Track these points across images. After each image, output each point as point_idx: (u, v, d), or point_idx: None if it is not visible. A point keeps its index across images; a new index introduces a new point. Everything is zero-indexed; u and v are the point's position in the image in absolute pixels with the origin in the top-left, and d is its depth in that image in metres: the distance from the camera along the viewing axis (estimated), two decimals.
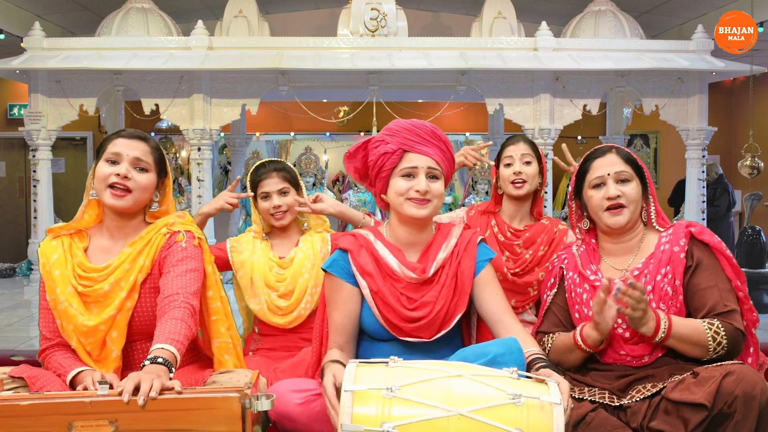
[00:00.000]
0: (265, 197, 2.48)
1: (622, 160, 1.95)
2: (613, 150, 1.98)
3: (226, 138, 8.62)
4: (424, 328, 1.81)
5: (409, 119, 1.89)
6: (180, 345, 1.61)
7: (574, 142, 9.32)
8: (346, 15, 6.69)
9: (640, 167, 1.97)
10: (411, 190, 1.80)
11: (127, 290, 1.78)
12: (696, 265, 1.85)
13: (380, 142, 1.85)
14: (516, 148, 2.52)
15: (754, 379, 1.57)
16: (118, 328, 1.77)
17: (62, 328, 1.79)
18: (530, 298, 2.47)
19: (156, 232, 1.85)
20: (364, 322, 1.86)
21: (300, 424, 1.71)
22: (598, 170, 1.95)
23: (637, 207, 1.93)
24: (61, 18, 7.69)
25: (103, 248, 1.87)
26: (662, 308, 1.83)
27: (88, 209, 1.88)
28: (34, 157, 6.51)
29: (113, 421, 1.37)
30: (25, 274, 7.32)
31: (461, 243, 1.88)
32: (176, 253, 1.82)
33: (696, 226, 1.91)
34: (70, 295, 1.78)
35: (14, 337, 4.68)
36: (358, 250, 1.87)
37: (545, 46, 6.45)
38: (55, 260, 1.82)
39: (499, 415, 1.35)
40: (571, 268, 2.01)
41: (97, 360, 1.77)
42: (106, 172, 1.80)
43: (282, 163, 2.55)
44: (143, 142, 1.86)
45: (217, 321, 1.89)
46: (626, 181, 1.93)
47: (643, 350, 1.83)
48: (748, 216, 7.45)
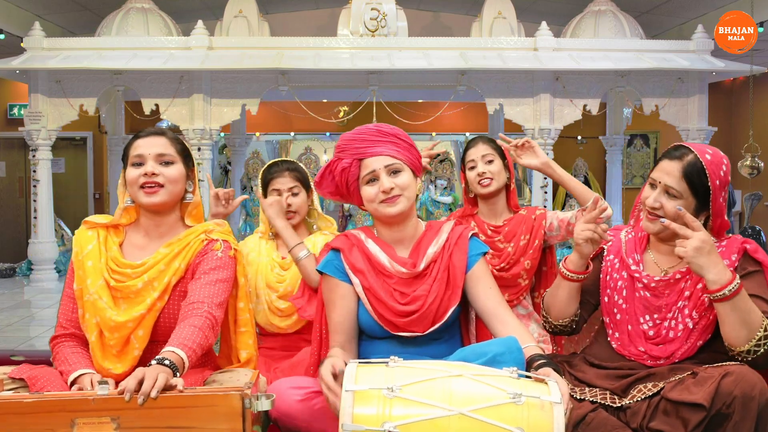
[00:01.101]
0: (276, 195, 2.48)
1: (679, 176, 1.81)
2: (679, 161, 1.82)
3: (226, 138, 8.63)
4: (417, 322, 1.82)
5: (355, 128, 1.92)
6: (191, 352, 1.60)
7: (574, 142, 9.33)
8: (346, 15, 6.70)
9: (696, 187, 1.81)
10: (379, 193, 1.83)
11: (159, 291, 1.78)
12: (745, 275, 1.78)
13: (336, 161, 1.89)
14: (476, 150, 2.58)
15: (753, 379, 1.57)
16: (145, 327, 1.77)
17: (83, 319, 1.79)
18: (522, 288, 2.51)
19: (195, 236, 1.86)
20: (360, 320, 1.87)
21: (300, 422, 1.71)
22: (657, 175, 1.86)
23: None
24: (61, 18, 7.70)
25: (138, 245, 1.87)
26: (694, 317, 1.80)
27: (124, 214, 1.89)
28: (34, 157, 6.52)
29: (115, 418, 1.38)
30: (25, 274, 7.33)
31: (452, 237, 1.90)
32: (210, 261, 1.82)
33: (751, 244, 1.85)
34: (100, 288, 1.78)
35: (14, 337, 4.68)
36: (349, 248, 1.89)
37: (545, 46, 6.46)
38: (89, 250, 1.82)
39: (499, 414, 1.36)
40: (613, 251, 1.97)
41: (117, 356, 1.76)
42: (135, 175, 1.81)
43: (294, 164, 2.55)
44: (161, 137, 1.86)
45: (246, 333, 1.91)
46: (674, 198, 1.82)
47: (663, 352, 1.80)
48: (748, 216, 7.46)
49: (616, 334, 1.89)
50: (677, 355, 1.80)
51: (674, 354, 1.80)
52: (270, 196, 2.47)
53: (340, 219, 6.93)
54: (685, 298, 1.82)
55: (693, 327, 1.80)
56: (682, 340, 1.80)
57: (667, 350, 1.81)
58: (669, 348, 1.81)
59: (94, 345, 1.77)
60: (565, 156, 8.59)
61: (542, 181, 6.52)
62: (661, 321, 1.83)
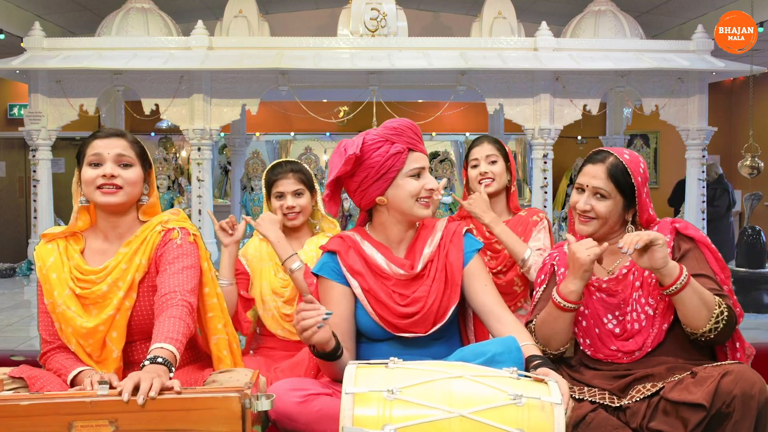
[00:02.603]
0: (279, 197, 2.46)
1: (605, 177, 1.90)
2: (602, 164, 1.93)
3: (226, 138, 8.62)
4: (418, 323, 1.82)
5: (399, 118, 1.88)
6: (179, 344, 1.61)
7: (574, 142, 9.32)
8: (346, 15, 6.69)
9: (622, 185, 1.91)
10: (423, 189, 1.81)
11: (125, 290, 1.78)
12: (683, 255, 1.88)
13: (385, 142, 1.80)
14: (481, 149, 2.58)
15: (753, 378, 1.57)
16: (117, 328, 1.77)
17: (61, 330, 1.79)
18: (518, 296, 2.52)
19: (151, 230, 1.85)
20: (359, 322, 1.86)
21: (299, 424, 1.71)
22: (582, 178, 1.96)
23: (610, 220, 1.92)
24: (61, 18, 7.69)
25: (98, 250, 1.86)
26: (651, 303, 1.86)
27: (80, 215, 1.87)
28: (34, 157, 6.51)
29: (113, 421, 1.37)
30: (25, 274, 7.32)
31: (447, 235, 1.90)
32: (172, 251, 1.82)
33: (680, 222, 1.94)
34: (67, 298, 1.78)
35: (14, 337, 4.68)
36: (346, 250, 1.88)
37: (545, 46, 6.45)
38: (51, 263, 1.81)
39: (500, 415, 1.36)
40: (562, 264, 2.02)
41: (98, 361, 1.77)
42: (92, 175, 1.80)
43: (298, 165, 2.53)
44: (121, 138, 1.85)
45: (214, 318, 1.89)
46: (601, 199, 1.91)
47: (634, 345, 1.85)
48: (748, 216, 7.45)
49: (587, 341, 1.92)
50: (648, 344, 1.84)
51: (645, 343, 1.84)
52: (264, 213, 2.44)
53: (341, 219, 6.92)
54: (637, 288, 1.88)
55: (654, 313, 1.86)
56: (647, 329, 1.85)
57: (638, 342, 1.85)
58: (638, 339, 1.85)
59: (77, 353, 1.77)
60: (565, 156, 8.58)
61: (542, 181, 6.52)
62: (623, 316, 1.88)
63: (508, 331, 1.75)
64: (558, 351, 1.95)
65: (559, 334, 1.91)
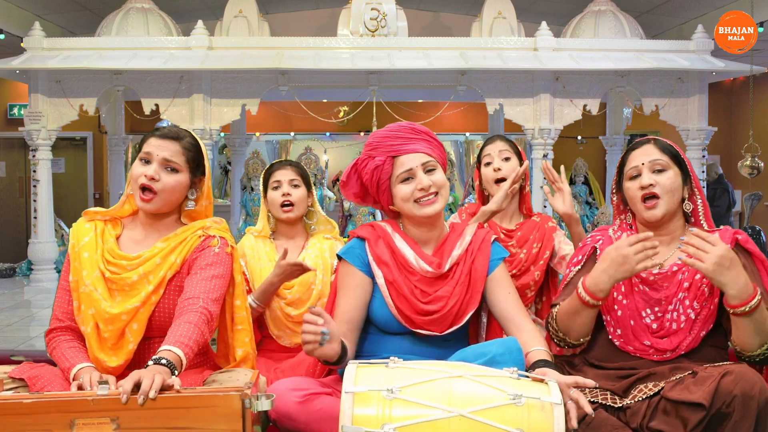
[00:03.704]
0: (275, 187, 2.46)
1: (658, 150, 1.89)
2: (651, 141, 1.93)
3: (226, 138, 8.63)
4: (436, 322, 1.82)
5: (386, 126, 1.90)
6: (188, 349, 1.60)
7: (574, 142, 9.33)
8: (346, 15, 6.70)
9: (680, 159, 1.90)
10: (415, 191, 1.82)
11: (154, 284, 1.78)
12: None
13: (367, 159, 1.86)
14: (494, 146, 2.55)
15: (753, 378, 1.57)
16: (139, 320, 1.77)
17: (79, 311, 1.78)
18: (528, 299, 2.48)
19: (192, 233, 1.86)
20: (375, 313, 1.86)
21: (299, 423, 1.71)
22: (634, 160, 1.91)
23: (673, 198, 1.87)
24: (61, 18, 7.69)
25: (135, 239, 1.87)
26: (695, 308, 1.80)
27: (128, 200, 1.91)
28: (34, 157, 6.52)
29: (115, 418, 1.37)
30: (25, 274, 7.32)
31: (476, 241, 1.90)
32: (207, 257, 1.82)
33: (742, 234, 1.87)
34: (96, 280, 1.78)
35: (14, 337, 4.68)
36: (375, 239, 1.88)
37: (545, 46, 6.46)
38: (85, 242, 1.82)
39: (500, 415, 1.36)
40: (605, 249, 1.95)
41: (112, 348, 1.76)
42: (138, 172, 1.82)
43: (296, 162, 2.59)
44: (175, 142, 1.85)
45: (242, 331, 1.90)
46: (662, 171, 1.87)
47: (669, 345, 1.80)
48: (748, 216, 7.46)
49: (618, 331, 1.87)
50: (682, 347, 1.79)
51: (679, 346, 1.79)
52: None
53: (340, 219, 6.92)
54: (684, 289, 1.82)
55: (695, 318, 1.80)
56: (685, 332, 1.80)
57: (672, 342, 1.80)
58: (674, 340, 1.80)
59: (90, 336, 1.76)
60: (565, 156, 8.57)
61: (542, 181, 6.52)
62: (663, 314, 1.82)
63: (526, 339, 1.74)
64: (579, 341, 1.90)
65: (581, 326, 1.86)
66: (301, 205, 2.47)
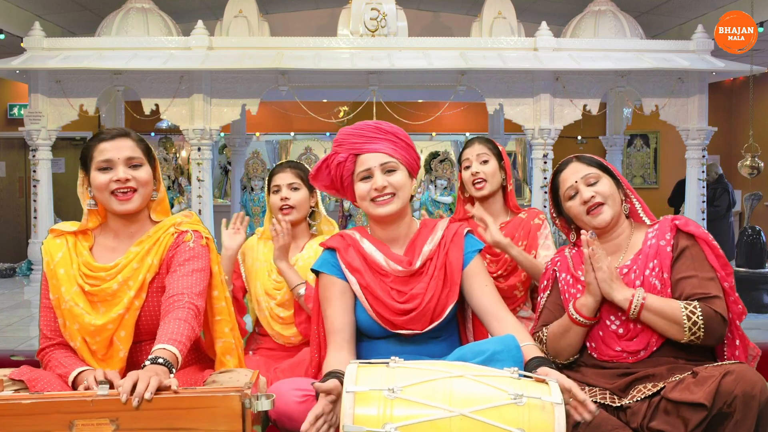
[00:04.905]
0: (275, 191, 2.48)
1: (585, 165, 2.00)
2: (574, 159, 2.04)
3: (226, 138, 8.62)
4: (415, 320, 1.82)
5: (355, 123, 1.92)
6: (182, 346, 1.60)
7: (574, 142, 9.33)
8: (346, 15, 6.69)
9: (606, 167, 2.01)
10: (371, 190, 1.83)
11: (135, 289, 1.78)
12: (679, 253, 1.88)
13: (333, 154, 1.89)
14: (472, 150, 2.56)
15: (754, 378, 1.57)
16: (126, 327, 1.76)
17: (65, 327, 1.78)
18: (518, 300, 2.48)
19: (164, 231, 1.85)
20: (359, 320, 1.87)
21: (299, 423, 1.70)
22: (567, 181, 2.00)
23: (615, 202, 1.97)
24: (61, 18, 7.69)
25: (108, 247, 1.86)
26: None
27: (90, 217, 1.87)
28: (34, 157, 6.51)
29: (114, 419, 1.37)
30: (25, 274, 7.32)
31: (448, 235, 1.91)
32: (183, 253, 1.82)
33: (681, 219, 1.93)
34: (75, 295, 1.77)
35: (14, 337, 4.68)
36: (345, 248, 1.89)
37: (545, 46, 6.45)
38: (59, 258, 1.80)
39: (500, 415, 1.36)
40: (564, 270, 2.02)
41: (102, 359, 1.76)
42: (104, 181, 1.78)
43: (298, 163, 2.58)
44: (128, 139, 1.83)
45: (221, 321, 1.89)
46: (596, 182, 1.97)
47: (638, 345, 1.85)
48: (748, 216, 7.45)
49: (592, 344, 1.92)
50: (653, 342, 1.84)
51: (650, 342, 1.84)
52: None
53: (340, 219, 6.92)
54: (636, 287, 1.86)
55: None
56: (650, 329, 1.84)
57: (642, 341, 1.85)
58: (642, 339, 1.85)
59: (80, 350, 1.76)
60: (565, 156, 8.54)
61: (542, 181, 6.52)
62: (625, 316, 1.86)
63: (508, 331, 1.75)
64: (568, 360, 1.95)
65: (571, 347, 1.92)
66: (301, 207, 2.48)
